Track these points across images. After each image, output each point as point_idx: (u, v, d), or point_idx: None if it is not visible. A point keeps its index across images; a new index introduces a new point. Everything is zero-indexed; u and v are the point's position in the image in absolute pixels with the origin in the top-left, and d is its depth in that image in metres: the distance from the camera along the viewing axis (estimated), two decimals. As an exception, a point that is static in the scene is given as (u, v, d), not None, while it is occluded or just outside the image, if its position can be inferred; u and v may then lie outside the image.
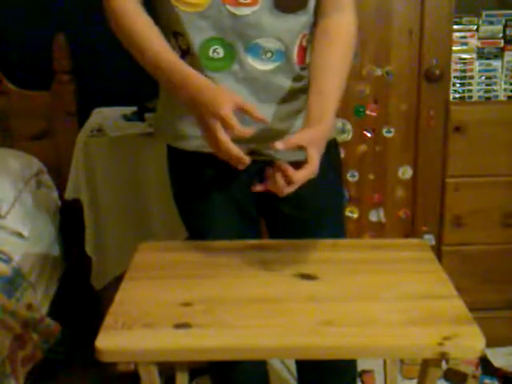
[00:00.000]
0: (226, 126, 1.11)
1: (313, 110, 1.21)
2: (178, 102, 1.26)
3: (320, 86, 1.23)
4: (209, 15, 1.22)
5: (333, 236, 1.40)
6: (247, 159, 1.14)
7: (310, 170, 1.13)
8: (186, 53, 1.27)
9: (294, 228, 1.43)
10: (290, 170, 1.11)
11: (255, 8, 1.22)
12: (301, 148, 1.13)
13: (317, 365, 1.26)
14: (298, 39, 1.29)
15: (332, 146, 1.43)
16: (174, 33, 1.27)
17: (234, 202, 1.41)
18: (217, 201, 1.41)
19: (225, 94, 1.14)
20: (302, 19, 1.28)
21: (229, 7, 1.22)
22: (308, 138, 1.14)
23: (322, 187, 1.37)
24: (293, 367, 2.14)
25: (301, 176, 1.12)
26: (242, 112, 1.14)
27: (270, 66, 1.28)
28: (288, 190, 1.14)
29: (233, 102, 1.12)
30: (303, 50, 1.31)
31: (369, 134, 2.11)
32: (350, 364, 1.54)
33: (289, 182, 1.12)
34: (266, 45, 1.26)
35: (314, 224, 1.43)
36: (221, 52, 1.26)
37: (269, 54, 1.27)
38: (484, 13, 2.05)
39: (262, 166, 1.34)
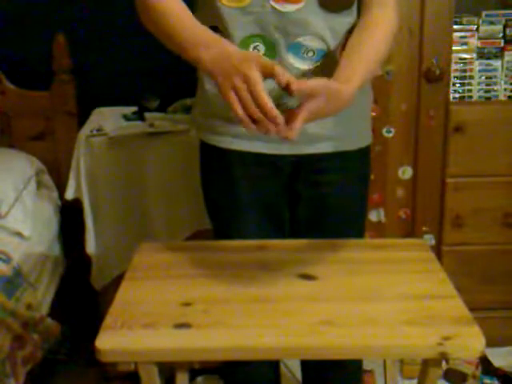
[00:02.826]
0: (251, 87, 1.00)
1: (339, 73, 1.14)
2: (210, 86, 1.21)
3: (351, 56, 1.17)
4: (252, 11, 1.21)
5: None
6: (281, 117, 1.00)
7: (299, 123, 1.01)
8: None
9: (318, 228, 1.42)
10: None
11: (300, 5, 1.21)
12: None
13: (320, 362, 1.25)
14: (341, 40, 1.27)
15: (368, 153, 1.44)
16: (211, 27, 1.24)
17: (265, 206, 1.40)
18: (247, 203, 1.39)
19: (255, 53, 1.08)
20: (345, 20, 1.26)
21: (273, 3, 1.20)
22: (324, 88, 1.04)
23: (355, 192, 1.40)
24: (292, 368, 2.14)
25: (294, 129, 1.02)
26: (269, 75, 1.02)
27: (309, 66, 1.26)
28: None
29: (261, 64, 1.02)
30: None
31: (369, 134, 2.11)
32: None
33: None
34: (308, 44, 1.24)
35: (340, 226, 1.42)
36: (262, 49, 1.23)
37: (310, 53, 1.25)
38: (484, 13, 2.05)
39: (296, 166, 1.34)
